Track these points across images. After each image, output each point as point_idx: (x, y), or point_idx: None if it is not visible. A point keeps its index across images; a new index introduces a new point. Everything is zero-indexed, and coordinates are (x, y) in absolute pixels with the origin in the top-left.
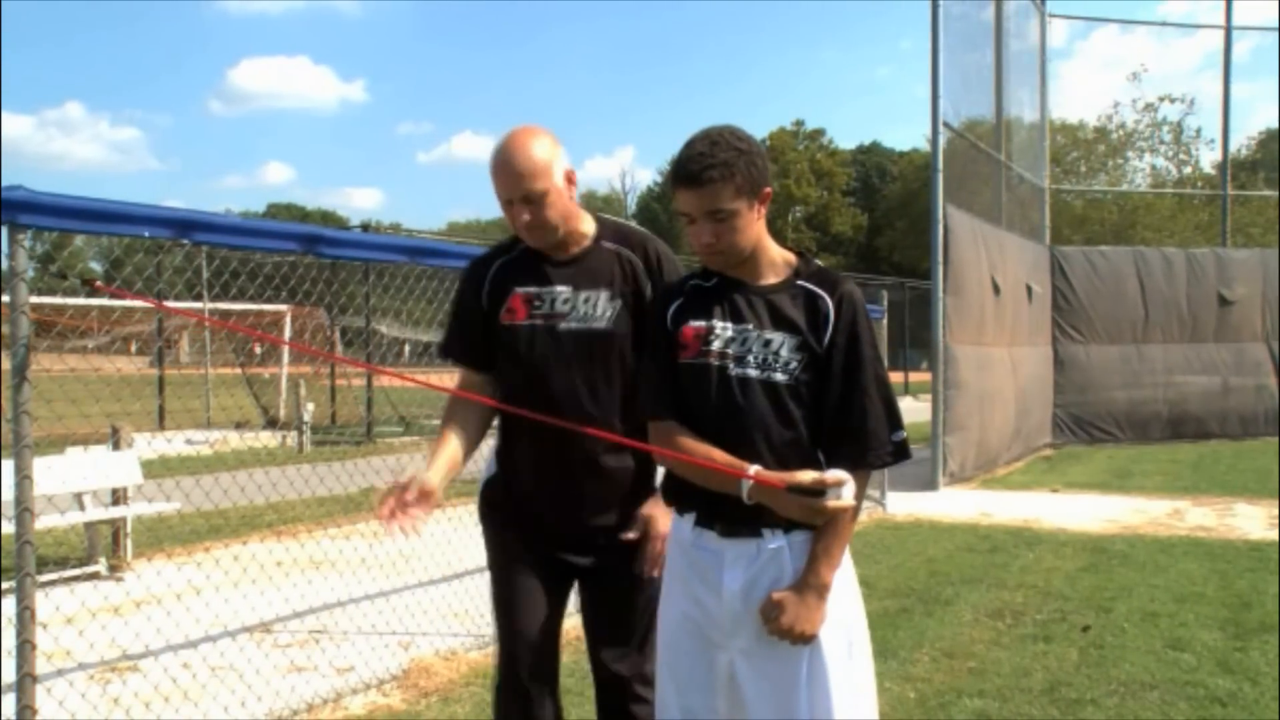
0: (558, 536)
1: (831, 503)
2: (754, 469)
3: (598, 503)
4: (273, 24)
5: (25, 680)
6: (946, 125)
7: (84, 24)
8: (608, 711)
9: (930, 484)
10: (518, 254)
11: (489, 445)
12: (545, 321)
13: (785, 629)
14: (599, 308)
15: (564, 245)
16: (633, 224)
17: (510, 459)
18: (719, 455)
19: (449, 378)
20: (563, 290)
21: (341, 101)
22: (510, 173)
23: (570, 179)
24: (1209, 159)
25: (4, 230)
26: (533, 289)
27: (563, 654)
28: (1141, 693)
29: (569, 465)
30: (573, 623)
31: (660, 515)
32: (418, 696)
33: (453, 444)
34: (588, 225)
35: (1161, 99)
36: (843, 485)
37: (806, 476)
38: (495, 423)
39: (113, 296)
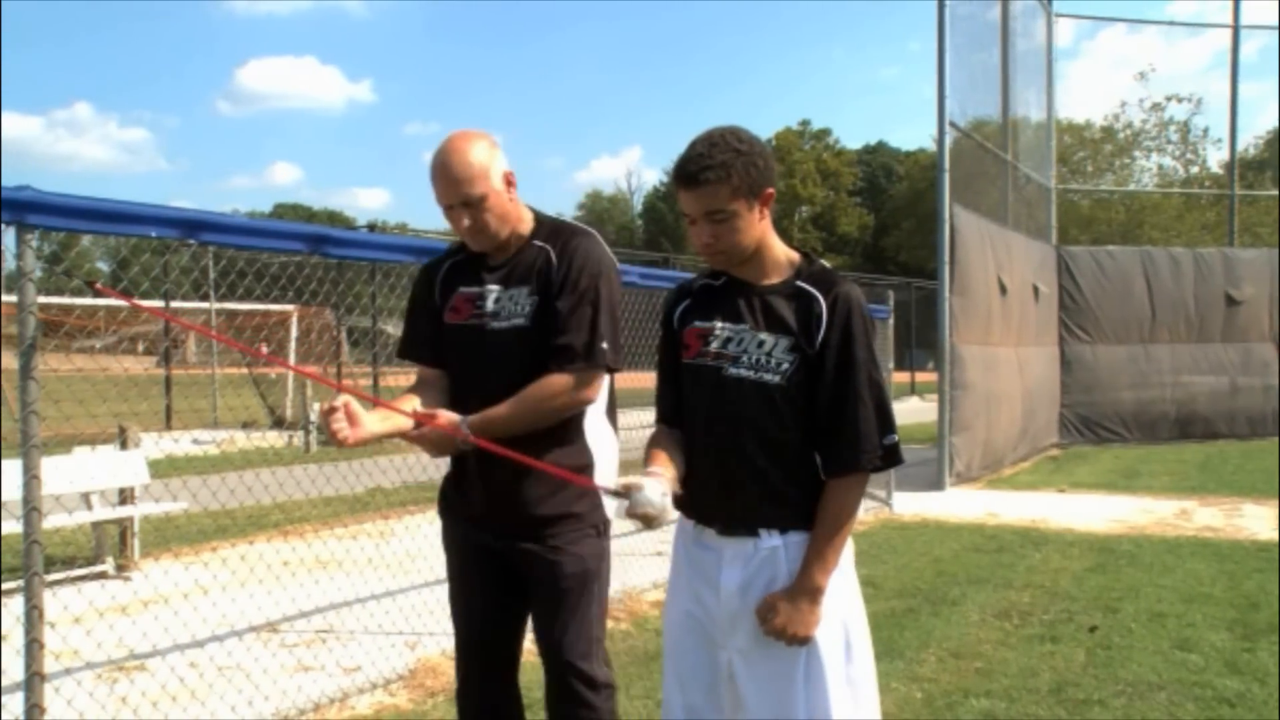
0: (503, 525)
1: (629, 510)
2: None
3: (534, 489)
4: (280, 24)
5: (34, 679)
6: (953, 125)
7: (92, 24)
8: (551, 706)
9: (937, 484)
10: (463, 256)
11: None
12: (479, 320)
13: (779, 631)
14: (520, 304)
15: (505, 247)
16: (572, 221)
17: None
18: (654, 459)
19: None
20: (494, 290)
21: (349, 102)
22: (448, 178)
23: (509, 181)
24: (1216, 158)
25: (12, 230)
26: (474, 289)
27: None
28: (1149, 693)
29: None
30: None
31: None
32: (424, 696)
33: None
34: (527, 225)
35: (1169, 98)
36: (640, 490)
37: (618, 481)
38: None
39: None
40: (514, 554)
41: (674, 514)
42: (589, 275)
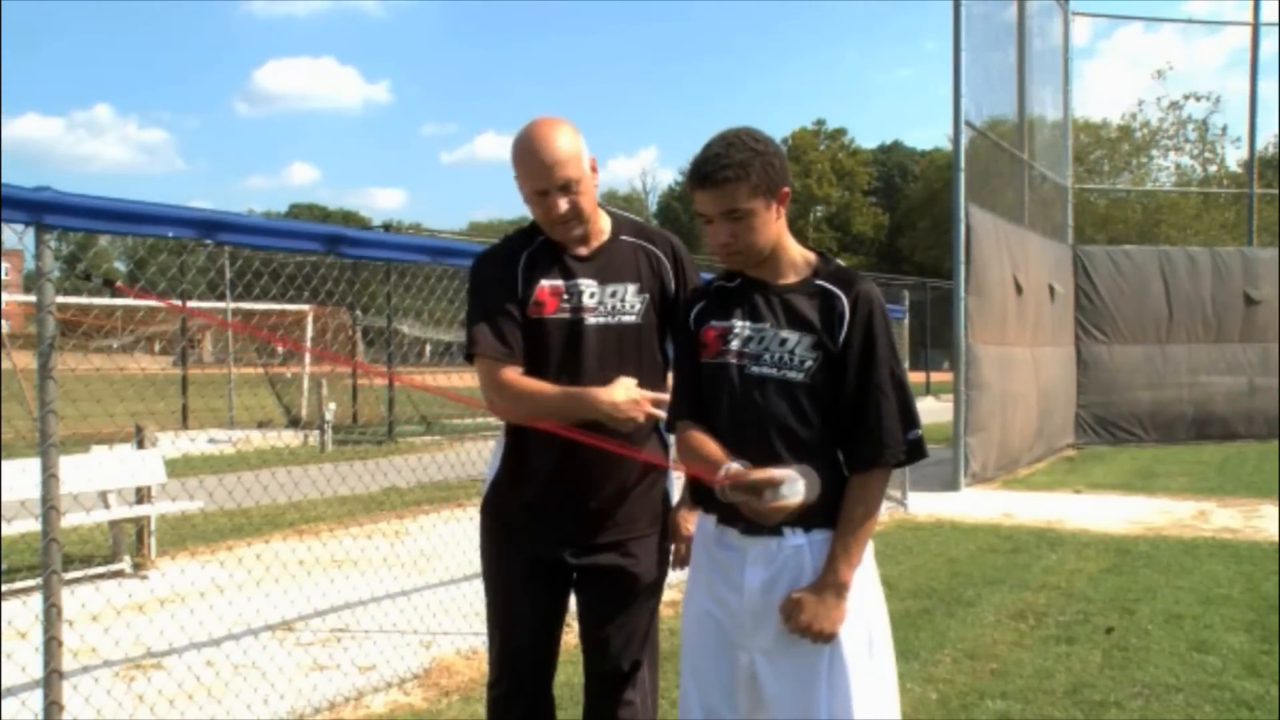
0: (569, 538)
1: (771, 503)
2: (731, 467)
3: (611, 502)
4: (299, 25)
5: (52, 676)
6: (969, 124)
7: (114, 27)
8: (595, 712)
9: (952, 484)
10: (538, 247)
11: (489, 446)
12: (574, 315)
13: (804, 627)
14: (627, 301)
15: (585, 239)
16: (638, 218)
17: (522, 457)
18: (712, 453)
19: (458, 378)
20: (588, 284)
21: (366, 102)
22: (543, 162)
23: (594, 168)
24: (1235, 157)
25: (31, 231)
26: (559, 282)
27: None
28: (1166, 695)
29: (585, 465)
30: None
31: (686, 517)
32: (439, 695)
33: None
34: (605, 219)
35: (1187, 97)
36: (781, 484)
37: (761, 475)
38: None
39: (135, 298)
40: (580, 562)
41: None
42: (698, 279)
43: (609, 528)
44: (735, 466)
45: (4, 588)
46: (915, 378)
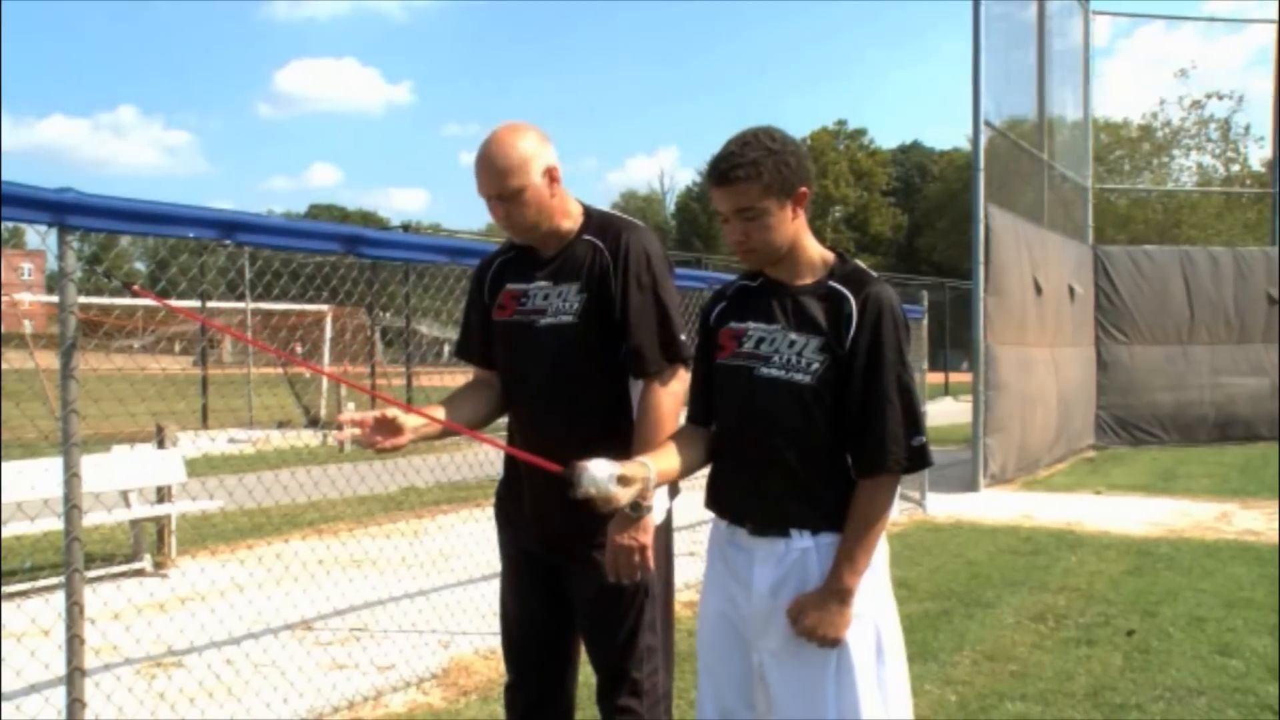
0: (545, 535)
1: (575, 491)
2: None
3: (568, 501)
4: (320, 27)
5: (75, 674)
6: (988, 124)
7: (137, 29)
8: (601, 715)
9: (971, 485)
10: (514, 253)
11: None
12: (526, 317)
13: (808, 632)
14: (568, 301)
15: (548, 241)
16: (623, 215)
17: (509, 457)
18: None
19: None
20: (543, 286)
21: (388, 103)
22: (486, 170)
23: (552, 176)
24: (1258, 156)
25: (54, 232)
26: (521, 285)
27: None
28: (1189, 699)
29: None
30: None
31: (616, 527)
32: (458, 695)
33: (449, 405)
34: (574, 220)
35: (1209, 96)
36: (584, 471)
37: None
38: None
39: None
40: (560, 563)
41: (624, 499)
42: (648, 271)
43: (577, 528)
44: (585, 462)
45: (27, 586)
46: (934, 379)
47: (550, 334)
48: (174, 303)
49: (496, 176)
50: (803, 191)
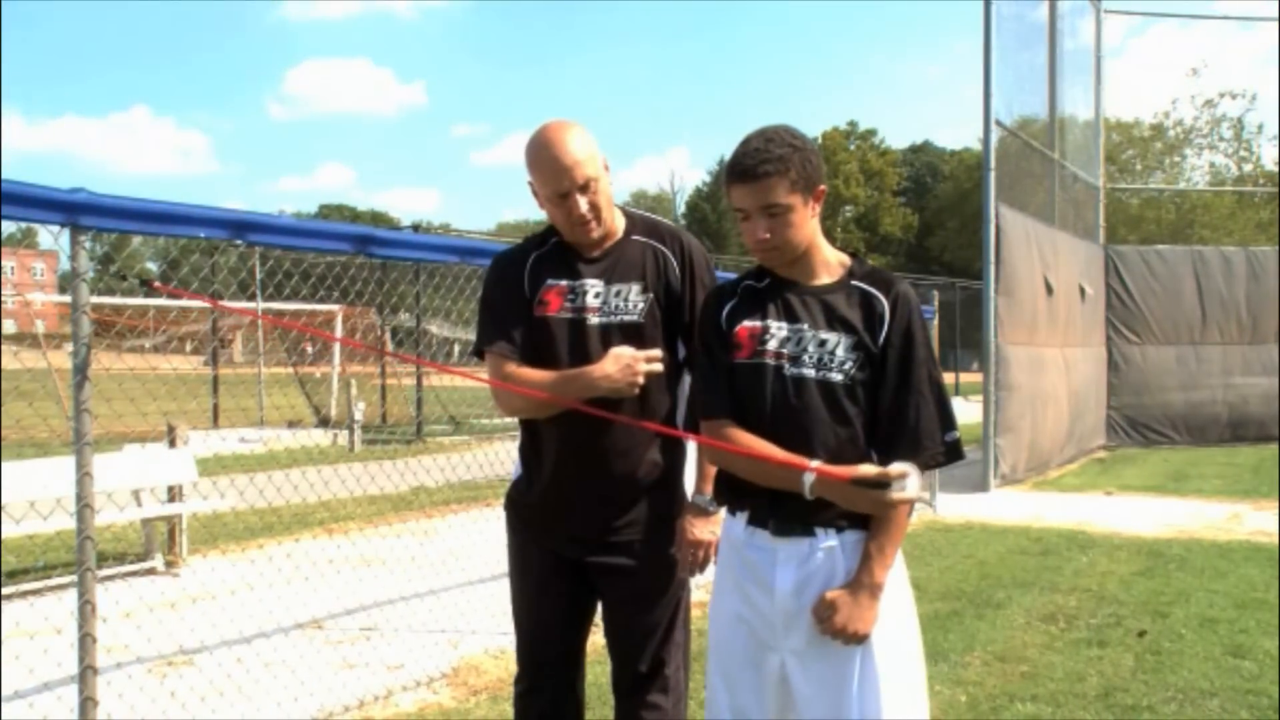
0: (581, 536)
1: (896, 495)
2: (815, 463)
3: (621, 499)
4: (332, 28)
5: (87, 672)
6: (999, 124)
7: (150, 30)
8: (623, 713)
9: (982, 486)
10: (550, 248)
11: (517, 445)
12: (577, 315)
13: (839, 629)
14: (630, 301)
15: (603, 239)
16: (662, 218)
17: (535, 455)
18: (777, 452)
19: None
20: (594, 284)
21: (400, 104)
22: (563, 164)
23: (606, 167)
24: (1271, 155)
25: (66, 232)
26: (565, 282)
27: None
28: (1201, 700)
29: (594, 460)
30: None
31: (692, 523)
32: (467, 694)
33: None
34: (619, 219)
35: (1222, 95)
36: (906, 477)
37: (870, 469)
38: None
39: (170, 296)
40: (592, 560)
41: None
42: (709, 273)
43: (621, 526)
44: (819, 462)
45: (40, 585)
46: (945, 378)
47: (609, 332)
48: (191, 298)
49: (575, 168)
50: (821, 189)
